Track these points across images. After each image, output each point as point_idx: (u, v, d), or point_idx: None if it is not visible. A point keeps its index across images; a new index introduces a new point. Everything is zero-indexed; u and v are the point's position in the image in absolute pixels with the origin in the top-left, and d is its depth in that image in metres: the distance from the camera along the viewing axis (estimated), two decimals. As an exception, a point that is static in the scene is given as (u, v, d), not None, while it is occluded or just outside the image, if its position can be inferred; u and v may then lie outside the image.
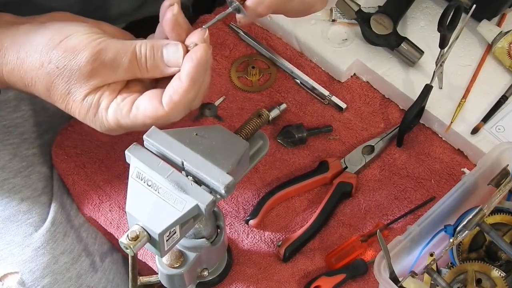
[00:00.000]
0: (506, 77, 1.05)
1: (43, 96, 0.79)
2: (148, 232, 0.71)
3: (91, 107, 0.76)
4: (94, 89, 0.75)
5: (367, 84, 1.07)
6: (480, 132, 0.99)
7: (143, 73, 0.76)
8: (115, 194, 1.00)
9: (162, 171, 0.72)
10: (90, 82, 0.75)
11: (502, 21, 1.10)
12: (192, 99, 0.75)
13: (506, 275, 0.84)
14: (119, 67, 0.75)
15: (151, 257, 0.96)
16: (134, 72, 0.75)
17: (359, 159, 1.00)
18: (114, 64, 0.74)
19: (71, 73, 0.74)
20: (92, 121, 0.77)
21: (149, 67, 0.75)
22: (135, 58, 0.75)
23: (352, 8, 1.06)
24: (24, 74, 0.77)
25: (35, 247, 0.97)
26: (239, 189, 0.99)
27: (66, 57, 0.74)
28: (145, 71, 0.76)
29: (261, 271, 0.94)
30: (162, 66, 0.75)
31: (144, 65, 0.75)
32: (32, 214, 0.99)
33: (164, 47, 0.75)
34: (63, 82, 0.75)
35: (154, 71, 0.76)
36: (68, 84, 0.75)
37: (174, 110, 0.74)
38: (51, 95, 0.77)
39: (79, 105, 0.76)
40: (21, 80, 0.78)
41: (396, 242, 0.83)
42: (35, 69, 0.76)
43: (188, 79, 0.73)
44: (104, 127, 0.77)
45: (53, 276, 0.97)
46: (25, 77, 0.77)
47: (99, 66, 0.74)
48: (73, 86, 0.75)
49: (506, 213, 0.87)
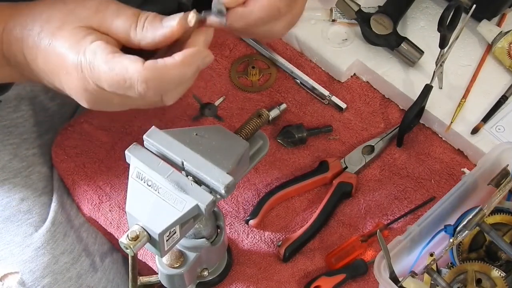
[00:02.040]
0: (506, 77, 1.05)
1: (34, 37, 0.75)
2: (148, 232, 0.71)
3: (78, 36, 0.72)
4: (88, 26, 0.73)
5: (367, 84, 1.07)
6: (480, 132, 0.99)
7: (138, 34, 0.73)
8: (115, 194, 1.00)
9: (162, 171, 0.72)
10: (89, 19, 0.73)
11: (502, 21, 1.10)
12: (173, 80, 0.70)
13: (506, 275, 0.84)
14: (118, 18, 0.72)
15: (151, 257, 0.96)
16: (129, 32, 0.72)
17: (359, 159, 1.00)
18: (116, 13, 0.73)
19: (74, 7, 0.74)
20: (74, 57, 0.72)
21: (145, 28, 0.72)
22: (136, 16, 0.73)
23: (352, 8, 1.06)
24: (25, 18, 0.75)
25: (35, 247, 0.97)
26: (239, 189, 0.99)
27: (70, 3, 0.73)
28: (140, 31, 0.72)
29: (261, 271, 0.94)
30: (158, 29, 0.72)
31: (142, 24, 0.72)
32: (32, 214, 0.99)
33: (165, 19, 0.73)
34: (62, 14, 0.74)
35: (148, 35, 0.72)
36: (66, 16, 0.73)
37: (152, 77, 0.69)
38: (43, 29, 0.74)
39: (67, 33, 0.73)
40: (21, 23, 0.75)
41: (396, 242, 0.83)
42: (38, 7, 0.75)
43: (181, 59, 0.70)
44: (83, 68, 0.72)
45: (53, 276, 0.97)
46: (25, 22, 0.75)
47: (103, 10, 0.73)
48: (70, 18, 0.73)
49: (506, 213, 0.87)
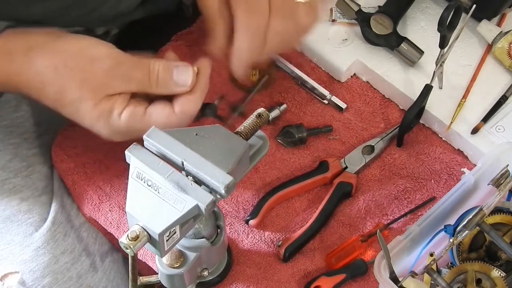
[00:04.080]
0: (506, 77, 1.05)
1: (50, 100, 0.80)
2: (148, 232, 0.71)
3: (104, 113, 0.80)
4: (106, 96, 0.79)
5: (367, 84, 1.07)
6: (480, 132, 0.99)
7: (153, 89, 0.81)
8: (115, 194, 1.00)
9: (162, 171, 0.72)
10: (103, 90, 0.78)
11: (502, 21, 1.10)
12: (198, 107, 0.84)
13: (506, 275, 0.84)
14: (132, 80, 0.80)
15: (151, 257, 0.96)
16: (144, 87, 0.81)
17: (359, 159, 1.00)
18: (128, 77, 0.79)
19: (86, 80, 0.77)
20: (103, 127, 0.81)
21: (159, 84, 0.81)
22: (148, 74, 0.80)
23: (352, 8, 1.06)
24: (33, 76, 0.78)
25: (35, 247, 0.97)
26: (239, 189, 0.99)
27: (84, 63, 0.77)
28: (154, 87, 0.81)
29: (261, 271, 0.94)
30: (171, 84, 0.82)
31: (155, 81, 0.81)
32: (32, 214, 0.99)
33: (175, 68, 0.81)
34: (76, 88, 0.77)
35: (163, 88, 0.82)
36: (80, 90, 0.77)
37: (185, 116, 0.83)
38: (59, 99, 0.79)
39: (89, 111, 0.79)
40: (29, 82, 0.78)
41: (396, 242, 0.83)
42: (47, 72, 0.77)
43: (200, 92, 0.82)
44: (114, 132, 0.82)
45: (53, 276, 0.97)
46: (33, 80, 0.78)
47: (115, 77, 0.78)
48: (86, 92, 0.77)
49: (506, 213, 0.87)
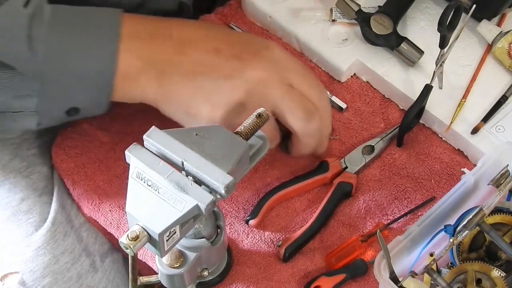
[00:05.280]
0: (506, 77, 1.05)
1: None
2: (148, 232, 0.71)
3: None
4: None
5: (367, 84, 1.07)
6: (480, 132, 0.99)
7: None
8: (115, 194, 1.00)
9: (162, 171, 0.72)
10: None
11: (502, 21, 1.10)
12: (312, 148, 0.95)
13: (506, 275, 0.84)
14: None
15: (151, 257, 0.96)
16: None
17: (359, 159, 1.00)
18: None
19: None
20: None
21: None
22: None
23: (352, 8, 1.06)
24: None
25: (35, 247, 0.97)
26: (239, 189, 0.99)
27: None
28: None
29: (261, 271, 0.94)
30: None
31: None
32: (32, 214, 0.99)
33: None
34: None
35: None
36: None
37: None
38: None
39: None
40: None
41: (396, 242, 0.83)
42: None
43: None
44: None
45: (53, 276, 0.97)
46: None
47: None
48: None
49: (506, 213, 0.87)
